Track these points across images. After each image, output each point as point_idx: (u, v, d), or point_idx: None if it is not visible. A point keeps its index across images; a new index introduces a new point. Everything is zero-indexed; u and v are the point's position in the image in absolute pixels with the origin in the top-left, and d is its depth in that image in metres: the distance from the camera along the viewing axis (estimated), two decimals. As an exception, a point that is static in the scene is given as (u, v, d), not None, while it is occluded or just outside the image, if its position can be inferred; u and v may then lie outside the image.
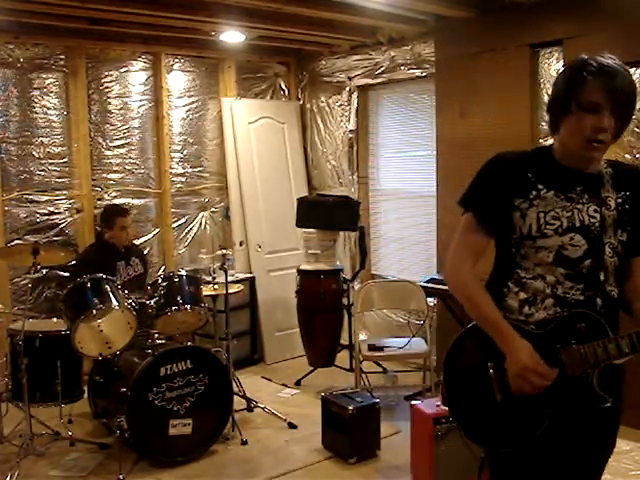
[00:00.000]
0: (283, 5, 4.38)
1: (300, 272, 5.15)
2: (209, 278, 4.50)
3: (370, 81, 5.69)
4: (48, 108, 5.00)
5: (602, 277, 1.85)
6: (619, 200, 1.87)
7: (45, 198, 5.01)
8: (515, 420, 1.85)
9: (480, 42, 4.65)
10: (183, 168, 5.73)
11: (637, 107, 1.86)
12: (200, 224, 5.84)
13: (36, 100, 4.94)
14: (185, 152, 5.74)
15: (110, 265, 4.31)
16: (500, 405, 1.85)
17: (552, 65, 4.42)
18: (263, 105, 6.09)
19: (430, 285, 4.66)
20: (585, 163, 1.87)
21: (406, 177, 5.67)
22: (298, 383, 5.09)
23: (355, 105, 5.85)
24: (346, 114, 5.93)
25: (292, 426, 4.26)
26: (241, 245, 5.58)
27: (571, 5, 4.15)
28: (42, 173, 4.99)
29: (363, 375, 4.67)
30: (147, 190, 5.53)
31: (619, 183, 1.88)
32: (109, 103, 5.29)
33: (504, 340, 1.83)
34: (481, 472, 2.76)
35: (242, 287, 5.13)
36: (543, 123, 4.50)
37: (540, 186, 1.86)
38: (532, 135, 4.50)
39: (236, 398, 4.16)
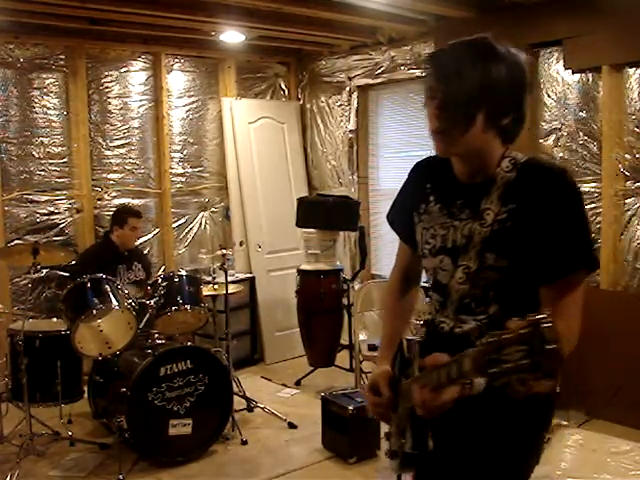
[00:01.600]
0: (283, 5, 4.38)
1: (300, 272, 5.15)
2: (209, 278, 4.50)
3: (370, 81, 5.69)
4: (48, 108, 5.00)
5: (440, 304, 1.61)
6: (502, 215, 1.48)
7: (45, 198, 5.01)
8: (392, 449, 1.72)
9: (480, 42, 4.64)
10: (183, 168, 5.73)
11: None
12: (200, 224, 5.84)
13: (36, 100, 4.94)
14: (185, 152, 5.74)
15: (111, 266, 4.31)
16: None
17: (552, 65, 4.42)
18: (263, 105, 6.08)
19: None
20: (469, 168, 1.55)
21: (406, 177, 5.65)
22: (298, 383, 5.09)
23: (355, 105, 5.84)
24: (346, 114, 5.93)
25: (292, 426, 4.26)
26: (241, 245, 5.57)
27: (571, 5, 4.15)
28: (42, 173, 4.99)
29: (363, 375, 4.67)
30: (147, 190, 5.53)
31: (511, 193, 1.48)
32: (109, 103, 5.29)
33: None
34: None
35: (242, 287, 5.13)
36: (543, 123, 4.50)
37: (431, 198, 1.63)
38: (532, 135, 4.50)
39: (236, 398, 4.16)
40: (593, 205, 4.31)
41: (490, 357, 1.10)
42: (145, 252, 5.16)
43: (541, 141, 4.51)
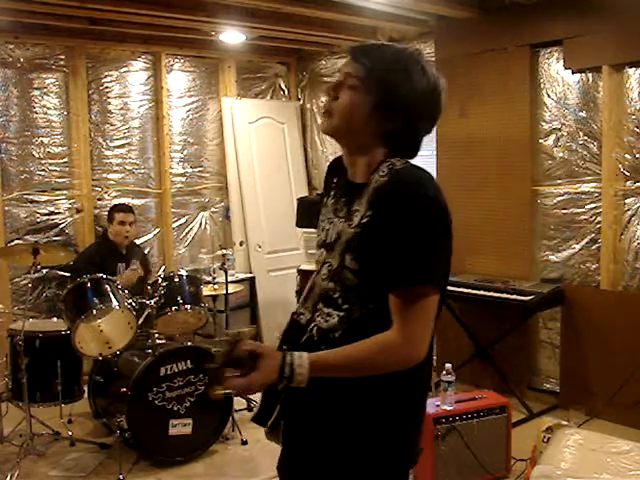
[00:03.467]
0: (283, 5, 4.38)
1: (300, 272, 5.15)
2: (209, 278, 4.50)
3: (370, 81, 5.68)
4: (48, 108, 5.00)
5: (304, 297, 1.66)
6: (364, 219, 1.50)
7: (45, 198, 5.01)
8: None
9: (480, 42, 4.65)
10: (183, 168, 5.73)
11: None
12: (200, 224, 5.84)
13: (36, 100, 4.94)
14: (185, 152, 5.74)
15: (110, 265, 4.32)
16: None
17: (552, 65, 4.42)
18: (263, 105, 6.09)
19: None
20: (352, 167, 1.61)
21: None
22: (298, 383, 5.08)
23: (355, 105, 5.83)
24: (346, 114, 5.92)
25: (292, 426, 4.26)
26: (241, 245, 5.58)
27: (571, 5, 4.15)
28: (42, 173, 4.99)
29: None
30: (147, 190, 5.53)
31: (376, 199, 1.49)
32: (109, 103, 5.29)
33: None
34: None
35: (242, 287, 5.13)
36: (543, 123, 4.50)
37: (331, 193, 1.70)
38: (532, 135, 4.50)
39: (236, 398, 4.16)
40: (593, 205, 4.31)
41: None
42: (144, 250, 5.14)
43: (541, 141, 4.51)
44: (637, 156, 4.11)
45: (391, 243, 1.44)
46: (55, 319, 4.20)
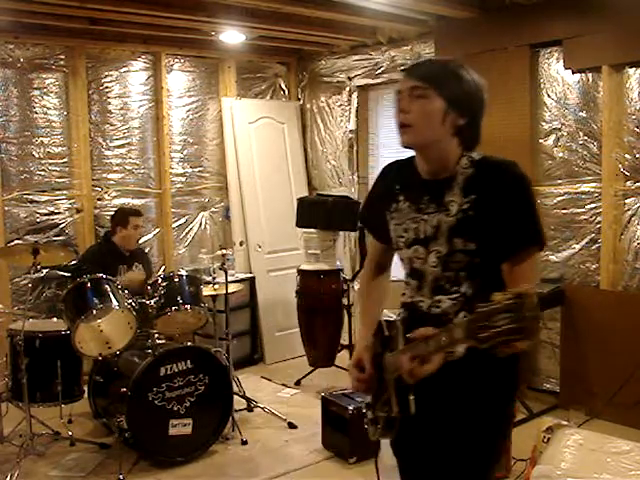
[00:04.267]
0: (283, 5, 4.38)
1: (300, 272, 5.15)
2: (209, 278, 4.49)
3: (370, 81, 5.69)
4: (48, 108, 5.00)
5: (417, 287, 1.82)
6: (465, 205, 1.72)
7: (45, 198, 5.01)
8: (376, 416, 1.93)
9: (480, 42, 4.65)
10: (183, 168, 5.73)
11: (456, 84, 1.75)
12: (200, 224, 5.84)
13: (36, 100, 4.94)
14: (185, 152, 5.74)
15: (112, 266, 4.29)
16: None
17: (552, 65, 4.42)
18: (263, 105, 6.09)
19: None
20: (431, 166, 1.79)
21: (406, 177, 5.66)
22: (298, 383, 5.09)
23: (355, 105, 5.85)
24: (346, 114, 5.93)
25: (292, 426, 4.26)
26: (241, 245, 5.57)
27: (571, 5, 4.15)
28: (42, 173, 4.99)
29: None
30: (147, 190, 5.53)
31: (472, 186, 1.72)
32: (109, 103, 5.29)
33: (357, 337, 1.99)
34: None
35: (242, 287, 5.13)
36: (543, 123, 4.50)
37: (401, 197, 1.87)
38: (532, 135, 4.50)
39: (236, 398, 4.16)
40: (593, 205, 4.31)
41: (480, 324, 1.34)
42: (145, 252, 5.14)
43: (541, 141, 4.51)
44: (637, 156, 4.11)
45: (508, 216, 1.68)
46: (55, 319, 4.20)
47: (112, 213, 4.70)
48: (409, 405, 1.69)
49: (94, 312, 3.70)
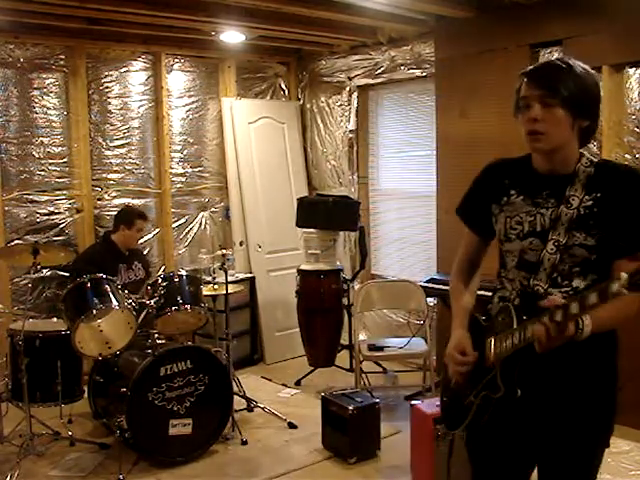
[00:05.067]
0: (283, 5, 4.38)
1: (300, 272, 5.15)
2: (209, 278, 4.50)
3: (370, 81, 5.69)
4: (48, 108, 5.00)
5: (533, 272, 1.86)
6: (588, 202, 1.79)
7: (45, 198, 5.01)
8: (456, 405, 2.03)
9: (480, 42, 4.65)
10: (183, 168, 5.73)
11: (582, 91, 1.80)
12: (200, 224, 5.84)
13: (36, 100, 4.94)
14: (185, 152, 5.74)
15: (111, 266, 4.28)
16: (451, 389, 2.07)
17: (552, 65, 4.41)
18: (263, 105, 6.09)
19: (430, 285, 4.67)
20: (553, 164, 1.85)
21: (406, 177, 5.67)
22: (298, 383, 5.09)
23: (355, 105, 5.85)
24: (346, 114, 5.93)
25: (292, 426, 4.26)
26: (241, 245, 5.58)
27: (571, 5, 4.15)
28: (42, 173, 4.99)
29: (363, 375, 4.67)
30: (147, 190, 5.53)
31: (594, 184, 1.80)
32: (109, 103, 5.29)
33: (452, 328, 2.07)
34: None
35: (242, 287, 5.13)
36: (543, 123, 4.50)
37: (512, 192, 1.93)
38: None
39: (236, 398, 4.16)
40: (593, 205, 4.30)
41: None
42: (144, 252, 5.15)
43: (541, 141, 4.51)
44: (637, 156, 4.11)
45: (631, 217, 1.75)
46: (55, 319, 4.20)
47: (113, 213, 4.70)
48: (515, 389, 1.80)
49: (94, 312, 3.70)
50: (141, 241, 5.30)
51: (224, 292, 4.28)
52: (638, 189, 1.78)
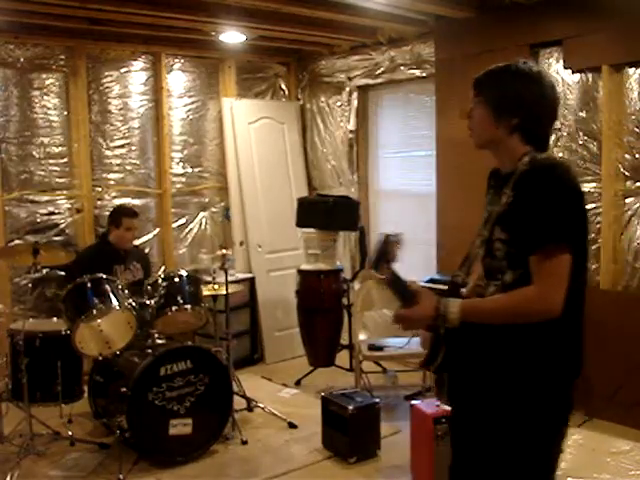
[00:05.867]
0: (283, 5, 4.38)
1: (300, 272, 5.15)
2: (209, 278, 4.50)
3: (370, 81, 5.69)
4: (48, 108, 5.00)
5: (464, 264, 2.02)
6: (510, 199, 1.85)
7: (45, 198, 5.01)
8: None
9: (480, 42, 4.65)
10: (183, 168, 5.73)
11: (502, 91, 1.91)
12: (200, 224, 5.84)
13: (36, 100, 4.94)
14: (185, 152, 5.73)
15: (106, 267, 4.17)
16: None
17: (552, 65, 4.42)
18: (263, 105, 6.09)
19: (430, 285, 4.66)
20: (499, 162, 1.96)
21: (406, 177, 5.67)
22: (298, 383, 5.09)
23: (355, 105, 5.84)
24: (346, 114, 5.93)
25: (292, 426, 4.26)
26: (241, 245, 5.58)
27: (571, 5, 4.15)
28: (42, 173, 4.99)
29: (363, 375, 4.67)
30: (147, 190, 5.53)
31: (519, 182, 1.85)
32: (109, 103, 5.29)
33: None
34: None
35: (242, 287, 5.13)
36: (543, 123, 4.50)
37: (490, 190, 2.05)
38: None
39: (236, 398, 4.16)
40: (593, 205, 4.30)
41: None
42: (145, 252, 5.14)
43: (541, 141, 4.51)
44: (637, 156, 4.11)
45: (528, 214, 1.78)
46: (55, 319, 4.20)
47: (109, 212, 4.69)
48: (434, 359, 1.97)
49: (94, 312, 3.70)
50: (141, 241, 5.32)
51: (224, 292, 4.28)
52: (533, 189, 1.80)
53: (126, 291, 3.90)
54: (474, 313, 1.82)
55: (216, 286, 4.40)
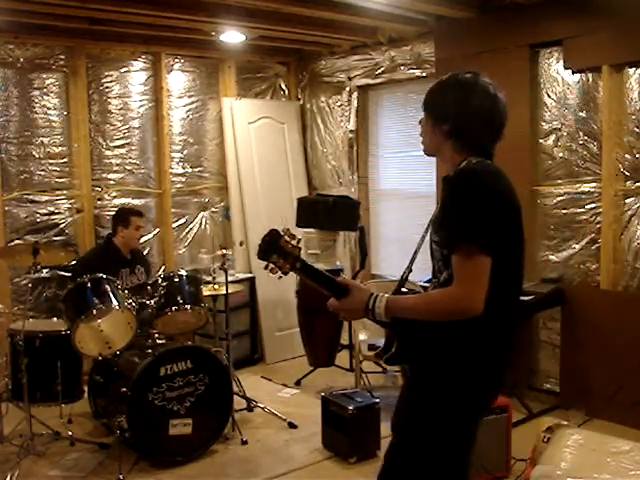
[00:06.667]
0: (283, 5, 4.39)
1: (300, 272, 5.14)
2: (209, 278, 4.50)
3: (370, 81, 5.69)
4: (48, 108, 5.00)
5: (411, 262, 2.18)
6: (440, 201, 1.95)
7: (45, 198, 5.01)
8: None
9: (480, 42, 4.65)
10: (183, 168, 5.73)
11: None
12: (200, 224, 5.84)
13: (36, 100, 4.94)
14: (185, 152, 5.74)
15: (112, 271, 4.16)
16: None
17: (552, 65, 4.42)
18: (263, 105, 6.09)
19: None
20: (447, 169, 2.04)
21: (406, 177, 5.67)
22: (298, 383, 5.09)
23: (355, 105, 5.84)
24: (346, 114, 5.93)
25: (292, 426, 4.26)
26: (241, 245, 5.57)
27: (571, 5, 4.15)
28: (42, 173, 4.99)
29: (363, 375, 4.67)
30: (147, 190, 5.53)
31: (444, 186, 1.94)
32: (109, 103, 5.29)
33: None
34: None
35: (242, 287, 5.13)
36: (543, 123, 4.50)
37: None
38: (532, 135, 4.50)
39: (236, 398, 4.16)
40: (593, 205, 4.31)
41: None
42: (144, 254, 5.13)
43: (541, 141, 4.51)
44: (637, 156, 4.11)
45: (446, 215, 1.88)
46: (55, 319, 4.20)
47: (113, 213, 4.69)
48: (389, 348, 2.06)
49: (94, 312, 3.70)
50: (141, 241, 5.31)
51: (224, 292, 4.28)
52: (451, 192, 1.89)
53: (126, 291, 3.90)
54: (398, 309, 1.91)
55: (216, 286, 4.40)
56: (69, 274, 4.25)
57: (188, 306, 4.01)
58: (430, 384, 1.97)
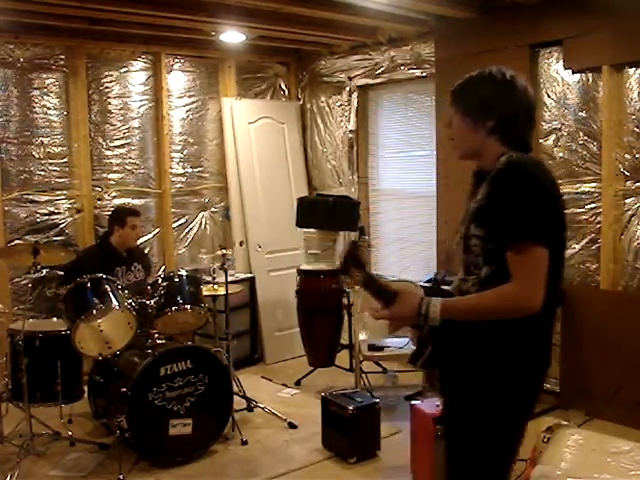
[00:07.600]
0: (283, 5, 4.38)
1: (300, 272, 5.15)
2: (209, 278, 4.50)
3: (370, 81, 5.69)
4: (48, 108, 5.00)
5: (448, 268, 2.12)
6: (485, 195, 1.88)
7: (45, 198, 5.01)
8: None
9: (480, 42, 4.65)
10: (183, 168, 5.73)
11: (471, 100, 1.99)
12: (200, 224, 5.84)
13: (36, 100, 4.94)
14: (185, 152, 5.74)
15: (108, 269, 4.14)
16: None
17: (552, 65, 4.42)
18: (263, 105, 6.09)
19: (430, 285, 4.66)
20: (481, 163, 2.00)
21: (406, 177, 5.67)
22: (298, 383, 5.09)
23: (355, 105, 5.84)
24: (346, 114, 5.93)
25: (292, 426, 4.26)
26: (241, 245, 5.57)
27: (571, 5, 4.15)
28: (42, 173, 4.99)
29: (363, 375, 4.67)
30: (147, 190, 5.53)
31: (494, 179, 1.89)
32: (109, 103, 5.29)
33: None
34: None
35: (242, 287, 5.13)
36: (543, 123, 4.50)
37: (471, 189, 2.07)
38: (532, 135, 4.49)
39: (236, 398, 4.16)
40: (593, 205, 4.31)
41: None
42: (145, 252, 5.14)
43: (541, 141, 4.51)
44: (637, 156, 4.11)
45: (503, 210, 1.81)
46: (55, 319, 4.20)
47: (110, 213, 4.69)
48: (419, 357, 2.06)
49: (94, 312, 3.70)
50: (141, 241, 5.31)
51: (224, 292, 4.28)
52: (508, 186, 1.83)
53: (126, 291, 3.90)
54: (455, 311, 1.86)
55: (216, 286, 4.40)
56: (62, 273, 4.25)
57: (188, 306, 4.01)
58: (480, 387, 1.93)
